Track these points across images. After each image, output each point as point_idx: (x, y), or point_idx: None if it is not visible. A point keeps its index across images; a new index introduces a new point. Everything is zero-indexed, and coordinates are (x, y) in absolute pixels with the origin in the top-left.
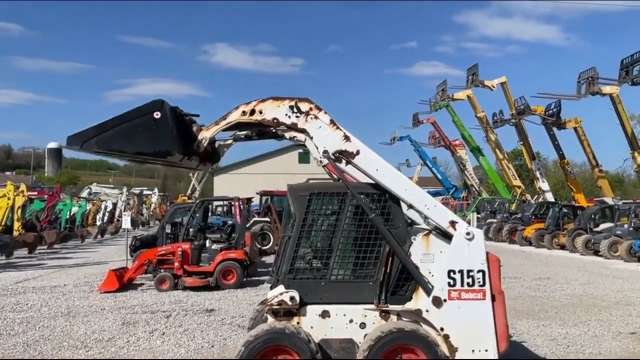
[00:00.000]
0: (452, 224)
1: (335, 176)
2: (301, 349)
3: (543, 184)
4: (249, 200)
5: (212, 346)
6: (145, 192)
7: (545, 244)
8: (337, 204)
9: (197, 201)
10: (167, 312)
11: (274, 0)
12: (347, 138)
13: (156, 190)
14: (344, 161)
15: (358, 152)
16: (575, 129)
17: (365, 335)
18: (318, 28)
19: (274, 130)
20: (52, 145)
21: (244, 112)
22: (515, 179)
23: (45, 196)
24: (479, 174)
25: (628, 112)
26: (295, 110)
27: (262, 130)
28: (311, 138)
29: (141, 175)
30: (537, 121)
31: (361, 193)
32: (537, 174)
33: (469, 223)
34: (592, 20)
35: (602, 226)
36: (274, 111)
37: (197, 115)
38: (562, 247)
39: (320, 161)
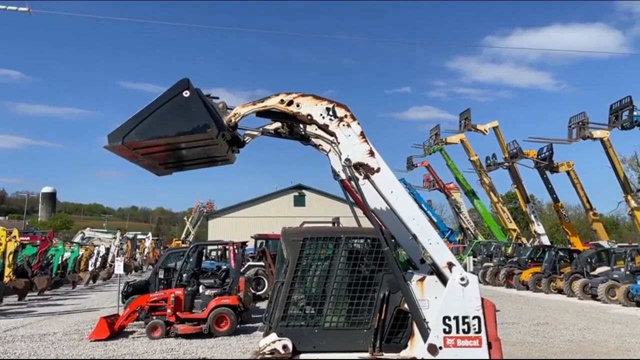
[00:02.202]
0: (449, 265)
1: (347, 194)
2: None
3: (538, 227)
4: (244, 244)
5: None
6: (139, 237)
7: (543, 288)
8: (330, 248)
9: (191, 246)
10: None
11: (271, 47)
12: (372, 153)
13: (150, 234)
14: (362, 175)
15: (378, 170)
16: (568, 172)
17: None
18: (314, 73)
19: (302, 132)
20: (47, 189)
21: (282, 101)
22: (511, 222)
23: (38, 241)
24: (474, 217)
25: (619, 156)
26: (331, 112)
27: (292, 128)
28: (338, 144)
29: (135, 220)
30: (530, 164)
31: (359, 237)
32: (532, 217)
33: (465, 267)
34: (582, 67)
35: (599, 270)
36: (311, 108)
37: (217, 98)
38: (560, 291)
39: (338, 174)
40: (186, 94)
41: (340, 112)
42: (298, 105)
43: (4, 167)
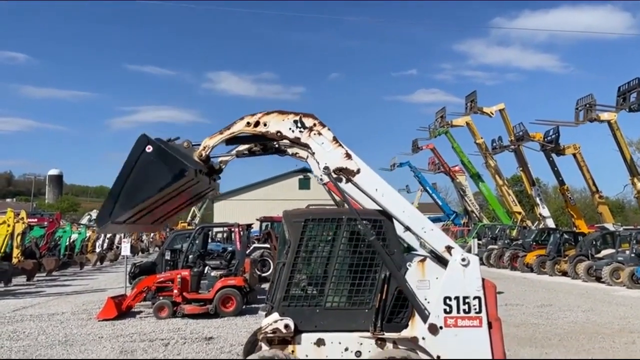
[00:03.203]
0: (448, 249)
1: (334, 195)
2: None
3: (543, 210)
4: (249, 226)
5: None
6: None
7: (547, 271)
8: (332, 230)
9: (197, 227)
10: (165, 341)
11: (277, 30)
12: (348, 156)
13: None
14: (344, 179)
15: (359, 171)
16: (574, 155)
17: None
18: (320, 56)
19: (277, 145)
20: (53, 172)
21: (248, 123)
22: (516, 205)
23: (45, 223)
24: (479, 200)
25: (626, 139)
26: (299, 124)
27: (265, 145)
28: (313, 154)
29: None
30: (536, 147)
31: (355, 219)
32: (538, 200)
33: (469, 250)
34: (590, 49)
35: (604, 252)
36: (278, 124)
37: (177, 138)
38: (564, 274)
39: (321, 178)
40: (149, 149)
41: (308, 122)
42: (265, 125)
43: (10, 149)
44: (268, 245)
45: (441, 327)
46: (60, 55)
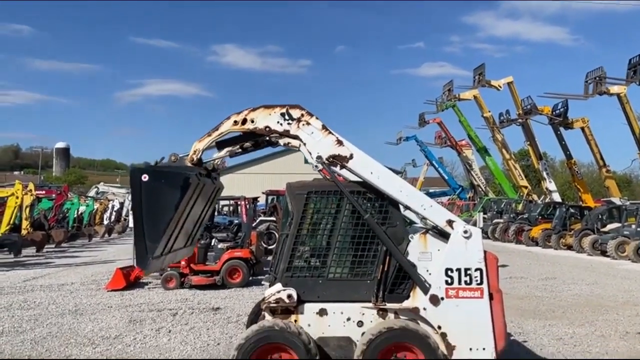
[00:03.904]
0: (449, 222)
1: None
2: (293, 343)
3: (550, 184)
4: (255, 199)
5: (218, 344)
6: None
7: (552, 244)
8: (334, 202)
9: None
10: (173, 310)
11: (283, 1)
12: (339, 142)
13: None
14: (338, 165)
15: (351, 156)
16: (582, 129)
17: (363, 333)
18: (326, 29)
19: (267, 139)
20: (60, 144)
21: (235, 122)
22: (522, 179)
23: (53, 195)
24: (486, 174)
25: (636, 112)
26: (287, 117)
27: (256, 141)
28: (304, 144)
29: None
30: (544, 121)
31: (358, 192)
32: (544, 174)
33: (475, 223)
34: (600, 21)
35: (610, 226)
36: (266, 119)
37: (163, 158)
38: (569, 248)
39: (316, 166)
40: (145, 178)
41: (296, 113)
42: (253, 121)
43: (17, 122)
44: (274, 218)
45: (442, 298)
46: (64, 27)
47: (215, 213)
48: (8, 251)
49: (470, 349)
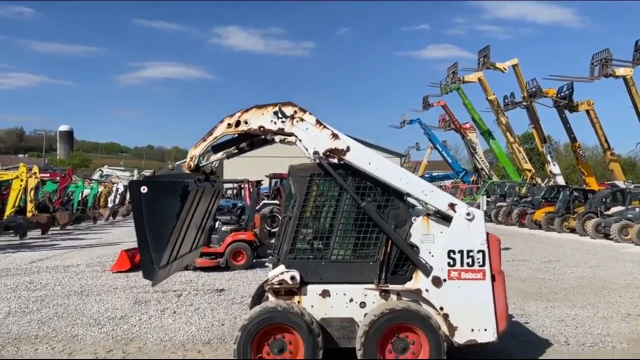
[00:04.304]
0: (451, 206)
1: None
2: (296, 323)
3: (554, 168)
4: (259, 182)
5: (223, 324)
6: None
7: (555, 228)
8: (337, 184)
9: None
10: (178, 292)
11: None
12: (335, 136)
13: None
14: (336, 159)
15: (348, 149)
16: (587, 111)
17: (365, 314)
18: (329, 11)
19: (263, 137)
20: (64, 127)
21: (229, 125)
22: (526, 162)
23: (58, 178)
24: (489, 158)
25: None
26: (280, 115)
27: (252, 140)
28: (300, 140)
29: (152, 158)
30: (549, 104)
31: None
32: (548, 157)
33: (478, 207)
34: (607, 2)
35: (613, 210)
36: (259, 119)
37: (160, 168)
38: (572, 231)
39: (314, 160)
40: (144, 189)
41: (289, 110)
42: (246, 122)
43: (21, 105)
44: (277, 202)
45: (445, 280)
46: (66, 9)
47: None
48: (14, 233)
49: (472, 330)
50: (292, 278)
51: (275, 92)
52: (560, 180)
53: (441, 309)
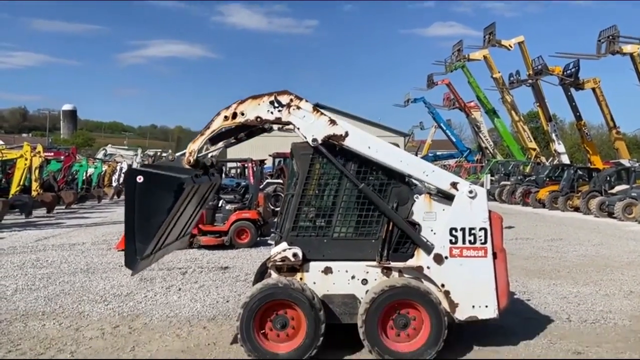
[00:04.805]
0: (454, 185)
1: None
2: (297, 299)
3: (559, 146)
4: (262, 162)
5: (227, 301)
6: (159, 154)
7: (559, 206)
8: (340, 161)
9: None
10: (183, 269)
11: None
12: (332, 122)
13: (170, 152)
14: (335, 145)
15: (347, 134)
16: (593, 89)
17: (367, 291)
18: None
19: (261, 127)
20: (67, 107)
21: (225, 117)
22: (531, 141)
23: (62, 157)
24: (494, 137)
25: None
26: (276, 104)
27: (250, 129)
28: (298, 128)
29: (155, 138)
30: (555, 82)
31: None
32: (553, 135)
33: (482, 185)
34: None
35: (617, 188)
36: (255, 110)
37: (161, 153)
38: (576, 210)
39: (313, 146)
40: (140, 179)
41: (284, 99)
42: (243, 114)
43: (24, 84)
44: (281, 181)
45: (446, 257)
46: None
47: (223, 175)
48: (19, 212)
49: (473, 307)
50: (295, 255)
51: (279, 70)
52: (565, 159)
53: (442, 285)
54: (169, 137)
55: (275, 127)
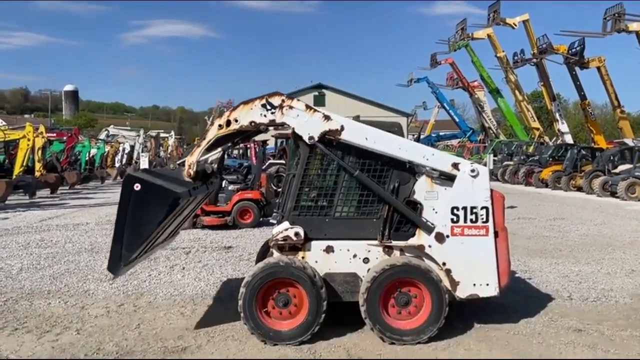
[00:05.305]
0: (455, 165)
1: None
2: (299, 277)
3: (562, 126)
4: (264, 142)
5: (231, 280)
6: (162, 135)
7: (562, 186)
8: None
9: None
10: (186, 249)
11: None
12: (327, 117)
13: (172, 133)
14: (333, 140)
15: (342, 128)
16: (598, 68)
17: (369, 269)
18: None
19: (257, 129)
20: (69, 87)
21: (220, 126)
22: (534, 120)
23: (64, 138)
24: (497, 117)
25: None
26: (268, 107)
27: (246, 133)
28: (293, 128)
29: (157, 119)
30: (559, 61)
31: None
32: (557, 115)
33: (484, 165)
34: None
35: (621, 168)
36: (249, 115)
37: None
38: (579, 189)
39: (310, 143)
40: (137, 187)
41: (276, 100)
42: (236, 120)
43: (25, 65)
44: (283, 161)
45: (448, 236)
46: None
47: (226, 156)
48: (23, 192)
49: (474, 285)
50: (296, 234)
51: (280, 50)
52: (569, 139)
53: (444, 264)
54: (171, 117)
55: (271, 127)
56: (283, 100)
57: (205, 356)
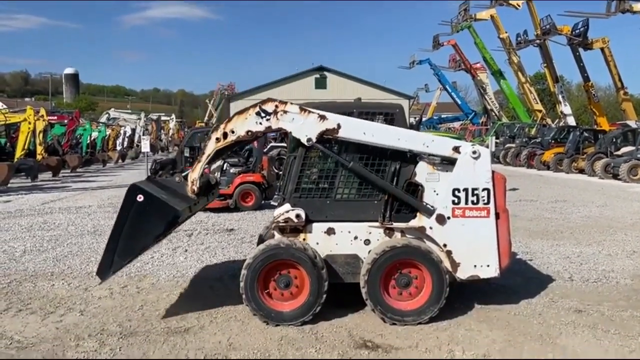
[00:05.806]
0: (456, 149)
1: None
2: (300, 258)
3: (565, 108)
4: None
5: (233, 262)
6: (163, 118)
7: (564, 168)
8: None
9: (215, 126)
10: (189, 232)
11: None
12: (322, 117)
13: (173, 116)
14: (331, 139)
15: (339, 126)
16: (602, 49)
17: (370, 251)
18: None
19: (254, 138)
20: (69, 70)
21: (217, 139)
22: (537, 103)
23: (65, 121)
24: (500, 99)
25: None
26: (262, 114)
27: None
28: (291, 132)
29: (158, 102)
30: (563, 42)
31: (372, 112)
32: (560, 97)
33: (487, 147)
34: None
35: (623, 150)
36: (244, 125)
37: (166, 170)
38: (581, 172)
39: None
40: (140, 198)
41: (269, 107)
42: (233, 132)
43: (24, 48)
44: (284, 144)
45: (449, 218)
46: None
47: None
48: (25, 175)
49: (475, 266)
50: (298, 216)
51: (280, 32)
52: (571, 121)
53: (445, 245)
54: (172, 100)
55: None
56: (276, 106)
57: (208, 336)
